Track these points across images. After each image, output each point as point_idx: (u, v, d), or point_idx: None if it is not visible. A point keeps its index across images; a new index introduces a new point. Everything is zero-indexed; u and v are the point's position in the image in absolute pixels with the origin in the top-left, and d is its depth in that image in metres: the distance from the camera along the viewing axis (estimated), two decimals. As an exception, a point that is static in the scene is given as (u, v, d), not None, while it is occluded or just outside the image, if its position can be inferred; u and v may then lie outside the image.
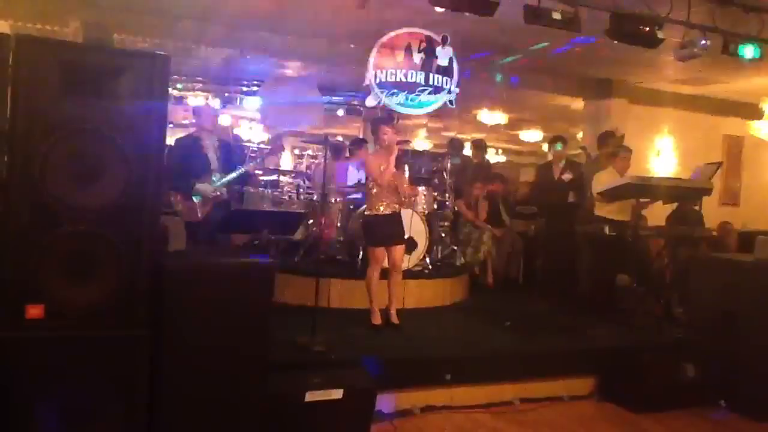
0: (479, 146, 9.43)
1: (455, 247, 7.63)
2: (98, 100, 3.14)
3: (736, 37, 5.96)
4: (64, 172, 3.06)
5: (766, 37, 6.14)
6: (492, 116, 12.35)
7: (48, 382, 3.01)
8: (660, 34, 5.62)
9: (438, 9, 5.24)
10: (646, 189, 6.22)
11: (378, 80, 6.88)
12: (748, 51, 5.88)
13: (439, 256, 7.36)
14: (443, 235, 7.55)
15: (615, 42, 5.74)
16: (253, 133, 13.63)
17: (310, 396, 3.88)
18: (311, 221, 7.10)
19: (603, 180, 6.51)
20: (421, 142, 16.10)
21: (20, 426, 2.96)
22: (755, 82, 8.45)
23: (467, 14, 5.31)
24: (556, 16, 5.16)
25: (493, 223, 8.11)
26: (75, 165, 3.09)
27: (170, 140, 8.10)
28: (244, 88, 11.46)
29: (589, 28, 5.57)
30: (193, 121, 6.03)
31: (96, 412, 3.13)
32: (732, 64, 6.72)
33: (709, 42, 5.84)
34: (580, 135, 11.11)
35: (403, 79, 6.88)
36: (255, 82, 11.03)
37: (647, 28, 5.57)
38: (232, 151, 6.07)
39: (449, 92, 7.14)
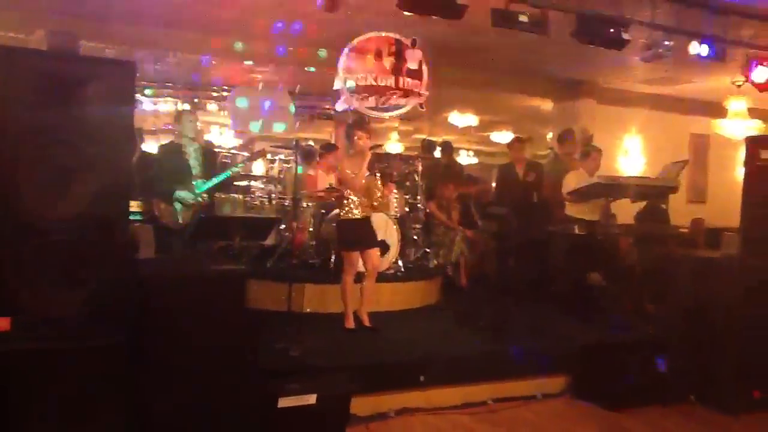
0: (446, 149, 9.50)
1: (428, 249, 7.66)
2: (66, 108, 3.13)
3: (700, 38, 6.08)
4: (35, 182, 3.04)
5: (728, 37, 6.29)
6: (463, 118, 12.43)
7: (24, 394, 2.97)
8: (626, 36, 5.70)
9: (406, 13, 5.26)
10: (614, 188, 6.31)
11: (348, 84, 6.88)
12: (710, 53, 6.00)
13: (412, 258, 7.38)
14: (416, 237, 7.58)
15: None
16: (223, 139, 13.55)
17: (284, 402, 3.86)
18: (283, 226, 7.08)
19: (572, 180, 6.59)
20: (392, 145, 16.11)
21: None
22: (719, 82, 8.61)
23: (436, 18, 5.35)
24: (524, 19, 5.22)
25: (465, 225, 8.16)
26: (45, 175, 3.07)
27: (152, 147, 8.07)
28: (214, 94, 11.37)
29: (556, 30, 5.65)
30: (161, 127, 5.99)
31: (75, 423, 3.10)
32: (697, 63, 6.85)
33: (672, 43, 5.95)
34: (549, 135, 11.22)
35: (374, 83, 6.89)
36: (225, 88, 10.95)
37: (613, 30, 5.66)
38: (214, 158, 6.04)
39: (419, 95, 7.16)
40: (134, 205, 6.07)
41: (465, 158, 18.83)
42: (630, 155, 10.54)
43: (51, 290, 3.07)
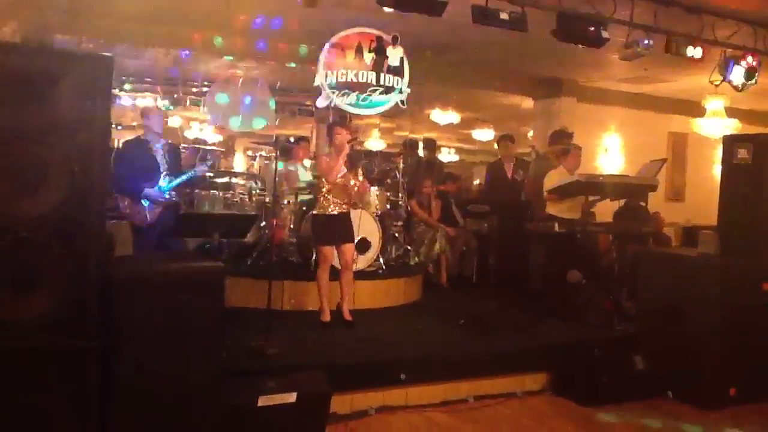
0: (429, 145, 9.50)
1: (409, 247, 7.65)
2: (39, 104, 3.06)
3: (678, 37, 6.13)
4: (5, 179, 2.97)
5: (707, 38, 6.34)
6: (444, 116, 12.43)
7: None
8: (605, 34, 5.73)
9: (387, 9, 5.24)
10: (594, 186, 6.33)
11: (329, 80, 6.85)
12: (688, 52, 6.04)
13: (393, 255, 7.37)
14: (396, 234, 7.57)
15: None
16: (204, 134, 13.46)
17: (263, 401, 3.83)
18: (263, 223, 7.03)
19: (554, 178, 6.61)
20: (374, 142, 16.11)
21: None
22: (698, 81, 8.67)
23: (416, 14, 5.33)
24: (504, 16, 5.22)
25: (446, 222, 8.16)
26: (16, 172, 3.00)
27: (119, 143, 7.98)
28: (194, 89, 11.29)
29: (536, 28, 5.65)
30: (141, 123, 5.92)
31: (46, 427, 3.05)
32: (675, 62, 6.92)
33: (651, 42, 5.99)
34: (530, 133, 11.27)
35: (354, 80, 6.86)
36: (205, 83, 10.87)
37: (592, 28, 5.68)
38: (180, 154, 5.98)
39: (400, 92, 7.15)
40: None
41: (446, 155, 18.86)
42: (610, 153, 10.61)
43: (22, 291, 3.01)
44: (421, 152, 9.95)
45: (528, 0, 5.39)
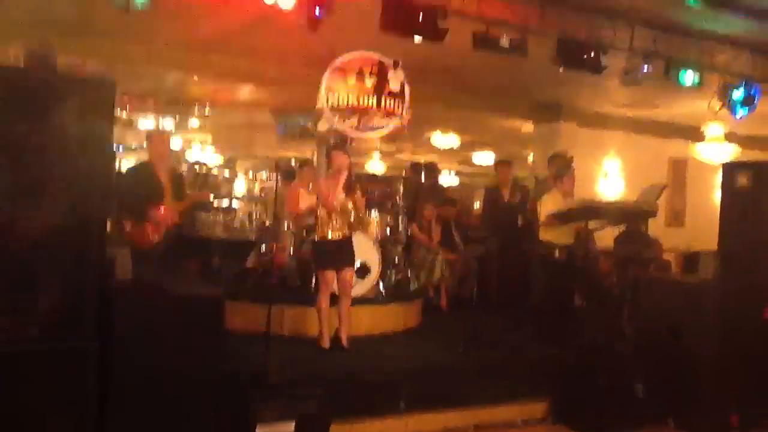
0: (430, 170, 9.50)
1: (409, 271, 7.62)
2: (43, 123, 3.13)
3: (678, 63, 6.17)
4: (7, 191, 3.03)
5: (705, 63, 6.39)
6: (445, 139, 12.48)
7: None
8: (604, 60, 5.77)
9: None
10: (593, 212, 6.32)
11: (330, 104, 6.86)
12: (688, 78, 6.08)
13: (393, 280, 7.33)
14: (397, 259, 7.54)
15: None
16: (205, 156, 13.49)
17: (262, 429, 3.80)
18: (263, 247, 7.01)
19: (549, 204, 6.55)
20: (374, 164, 16.15)
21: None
22: (697, 106, 8.71)
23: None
24: (504, 43, 5.26)
25: (447, 246, 8.14)
26: (18, 185, 3.06)
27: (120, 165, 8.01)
28: (196, 111, 11.33)
29: (536, 53, 5.70)
30: (145, 146, 5.97)
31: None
32: (675, 88, 6.94)
33: (651, 67, 6.03)
34: (530, 157, 11.29)
35: (355, 103, 6.87)
36: (207, 105, 10.91)
37: (591, 54, 5.72)
38: (183, 178, 6.02)
39: (401, 116, 7.16)
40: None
41: (447, 178, 18.87)
42: (609, 178, 10.61)
43: (21, 300, 3.06)
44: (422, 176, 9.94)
45: (528, 26, 5.44)
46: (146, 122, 11.46)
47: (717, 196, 6.27)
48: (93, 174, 3.28)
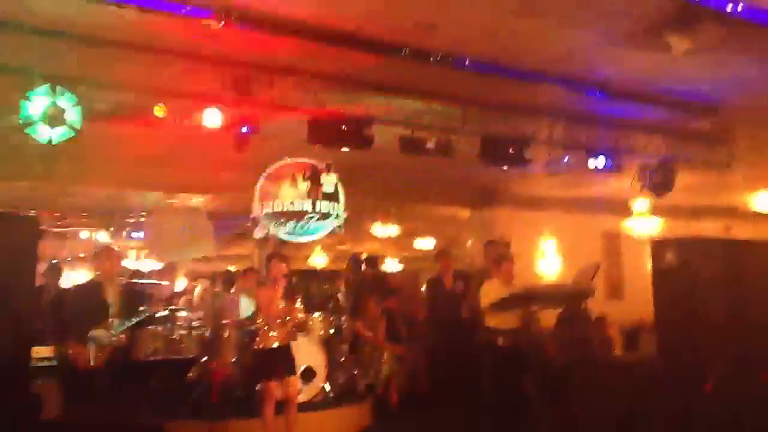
0: (372, 263, 9.53)
1: (356, 371, 7.50)
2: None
3: (595, 151, 6.49)
4: None
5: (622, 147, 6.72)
6: (385, 229, 12.60)
7: None
8: (527, 155, 6.01)
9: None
10: (532, 298, 6.42)
11: (265, 211, 6.90)
12: (606, 164, 6.39)
13: (341, 381, 7.20)
14: (343, 359, 7.43)
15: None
16: (142, 264, 13.22)
17: None
18: (205, 358, 6.81)
19: (490, 292, 6.62)
20: (316, 257, 16.12)
21: None
22: (623, 182, 9.07)
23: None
24: (430, 145, 5.44)
25: (393, 340, 8.07)
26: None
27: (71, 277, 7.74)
28: (131, 220, 11.19)
29: (463, 151, 5.91)
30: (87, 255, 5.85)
31: None
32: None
33: (571, 157, 6.32)
34: (469, 243, 11.44)
35: (290, 209, 6.93)
36: (142, 214, 10.80)
37: (515, 150, 5.95)
38: (136, 295, 5.90)
39: (337, 217, 7.24)
40: (46, 351, 5.79)
41: (390, 265, 18.92)
42: (546, 257, 10.81)
43: None
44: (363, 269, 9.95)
45: (452, 127, 5.65)
46: (84, 234, 11.27)
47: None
48: (14, 313, 3.19)
